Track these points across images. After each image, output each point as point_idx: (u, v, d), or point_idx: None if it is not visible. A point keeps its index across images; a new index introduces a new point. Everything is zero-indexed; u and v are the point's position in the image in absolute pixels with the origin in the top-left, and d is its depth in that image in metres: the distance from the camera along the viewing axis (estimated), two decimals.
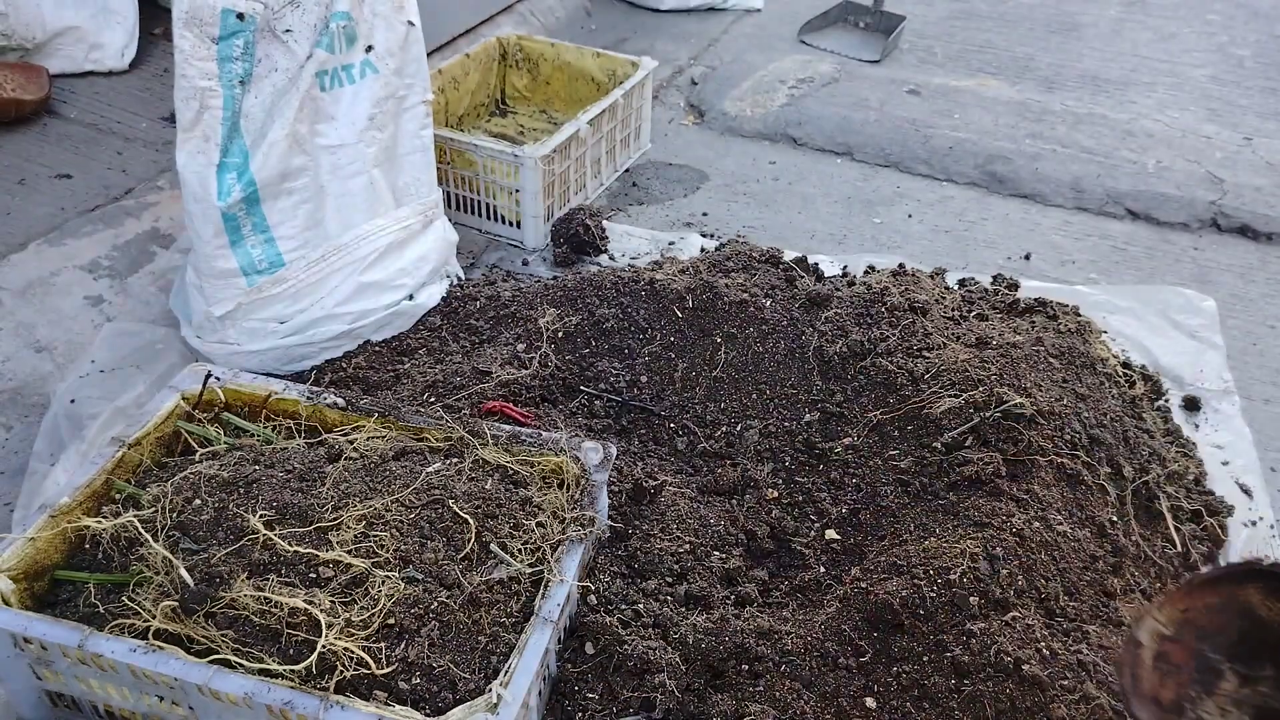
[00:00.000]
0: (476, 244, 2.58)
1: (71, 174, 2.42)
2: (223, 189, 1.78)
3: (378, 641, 1.23)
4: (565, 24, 3.90)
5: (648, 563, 1.58)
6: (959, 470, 1.70)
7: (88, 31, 2.72)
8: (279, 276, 1.90)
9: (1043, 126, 3.31)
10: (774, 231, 2.73)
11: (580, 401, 1.92)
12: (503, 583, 1.35)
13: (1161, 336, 2.29)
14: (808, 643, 1.45)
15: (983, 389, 1.80)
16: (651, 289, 2.05)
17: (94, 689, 1.29)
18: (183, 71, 1.69)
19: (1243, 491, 1.88)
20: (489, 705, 1.16)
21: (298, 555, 1.31)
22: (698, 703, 1.36)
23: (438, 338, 2.10)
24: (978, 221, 2.80)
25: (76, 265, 2.16)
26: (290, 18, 1.75)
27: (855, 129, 3.26)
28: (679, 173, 3.01)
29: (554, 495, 1.48)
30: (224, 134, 1.75)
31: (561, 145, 2.49)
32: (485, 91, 3.04)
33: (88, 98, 2.71)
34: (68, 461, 1.76)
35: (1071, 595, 1.50)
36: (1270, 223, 2.78)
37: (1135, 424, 1.86)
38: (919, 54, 3.89)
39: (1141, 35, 4.09)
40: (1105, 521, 1.62)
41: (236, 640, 1.23)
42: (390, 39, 1.94)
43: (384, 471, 1.47)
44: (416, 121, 2.08)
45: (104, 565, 1.37)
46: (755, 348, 2.01)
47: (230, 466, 1.45)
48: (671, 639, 1.43)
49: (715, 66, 3.71)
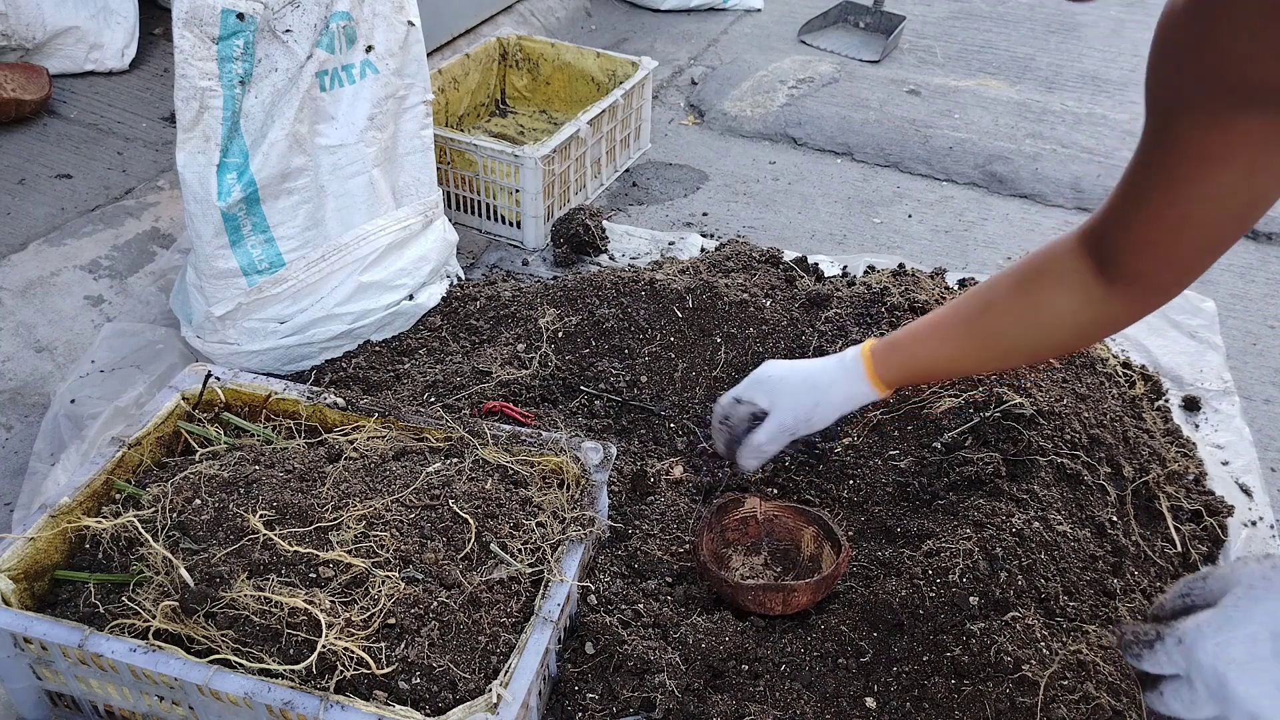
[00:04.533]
0: (476, 244, 2.58)
1: (71, 174, 2.42)
2: (223, 189, 1.78)
3: (378, 641, 1.23)
4: (565, 24, 3.91)
5: (648, 563, 1.59)
6: (959, 470, 1.70)
7: (88, 31, 2.72)
8: (279, 276, 1.90)
9: (1043, 126, 3.31)
10: (774, 231, 2.73)
11: (580, 401, 1.92)
12: (503, 583, 1.35)
13: (1161, 336, 2.29)
14: (808, 643, 1.45)
15: (982, 389, 1.80)
16: (651, 289, 2.05)
17: (94, 689, 1.29)
18: (183, 71, 1.69)
19: (1243, 491, 1.88)
20: (489, 705, 1.16)
21: (298, 555, 1.31)
22: (698, 703, 1.36)
23: (438, 338, 2.10)
24: (978, 221, 2.80)
25: (76, 265, 2.16)
26: (290, 18, 1.75)
27: (855, 129, 3.26)
28: (679, 173, 3.01)
29: (554, 495, 1.48)
30: (224, 134, 1.75)
31: (561, 145, 2.49)
32: (485, 91, 3.04)
33: (88, 98, 2.71)
34: (68, 461, 1.76)
35: (1071, 595, 1.50)
36: (1270, 223, 2.78)
37: (1135, 424, 1.86)
38: (919, 54, 3.89)
39: (1142, 35, 4.09)
40: (1105, 521, 1.62)
41: (236, 640, 1.23)
42: (390, 39, 1.94)
43: (384, 471, 1.47)
44: (417, 121, 2.08)
45: (104, 565, 1.37)
46: (755, 348, 2.01)
47: (230, 466, 1.45)
48: (671, 639, 1.43)
49: (715, 66, 3.72)
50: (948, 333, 1.35)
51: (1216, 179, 0.99)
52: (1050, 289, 1.22)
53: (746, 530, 1.64)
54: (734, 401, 1.48)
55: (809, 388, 1.43)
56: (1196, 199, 1.01)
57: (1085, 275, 1.18)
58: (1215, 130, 0.95)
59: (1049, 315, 1.23)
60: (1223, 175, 0.98)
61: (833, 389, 1.41)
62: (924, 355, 1.37)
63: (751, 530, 1.64)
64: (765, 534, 1.64)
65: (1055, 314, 1.22)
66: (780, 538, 1.63)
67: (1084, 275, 1.18)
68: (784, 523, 1.63)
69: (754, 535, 1.64)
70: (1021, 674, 1.33)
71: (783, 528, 1.63)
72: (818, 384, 1.42)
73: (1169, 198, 1.03)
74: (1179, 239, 1.07)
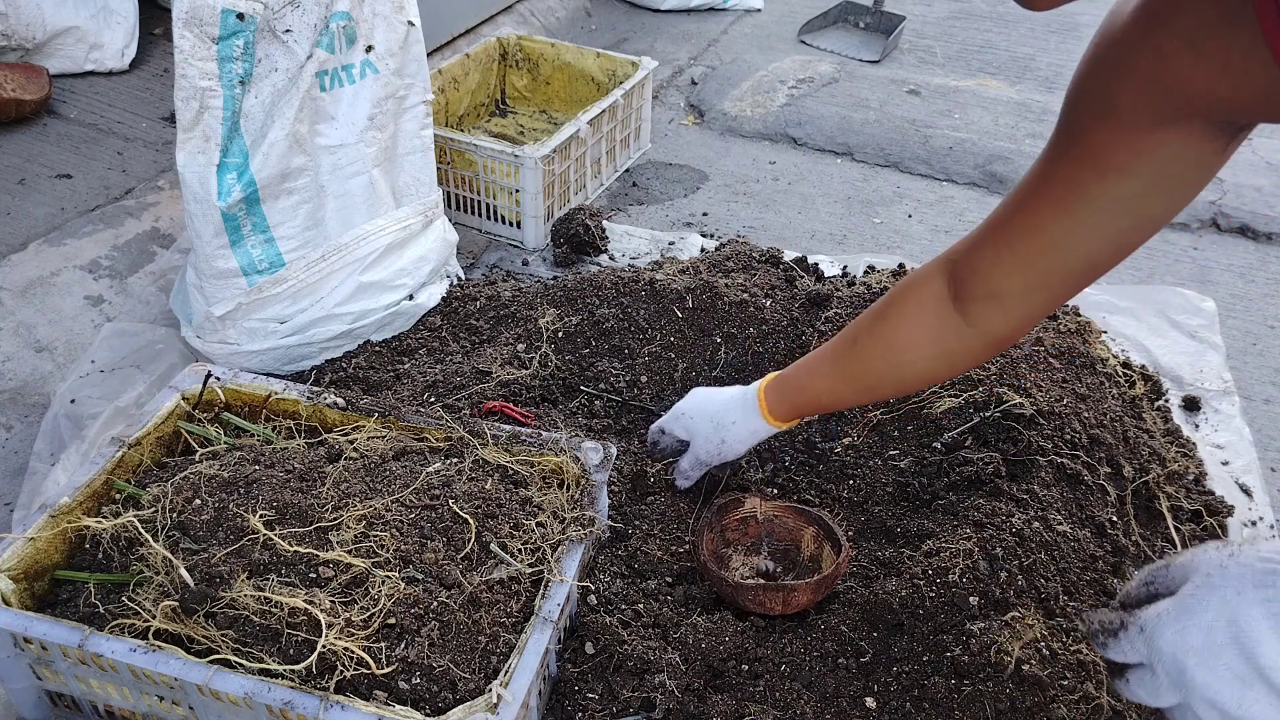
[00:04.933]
0: (476, 244, 2.58)
1: (71, 174, 2.42)
2: (223, 189, 1.78)
3: (378, 641, 1.23)
4: (565, 24, 3.91)
5: (648, 563, 1.59)
6: (959, 470, 1.70)
7: (88, 31, 2.72)
8: (279, 276, 1.90)
9: (1043, 127, 3.31)
10: (774, 231, 2.73)
11: (580, 401, 1.92)
12: (503, 583, 1.34)
13: (1161, 336, 2.29)
14: (808, 643, 1.45)
15: (982, 389, 1.80)
16: (651, 289, 2.05)
17: (94, 689, 1.29)
18: (183, 71, 1.69)
19: (1243, 491, 1.88)
20: (489, 705, 1.16)
21: (298, 555, 1.31)
22: (698, 703, 1.36)
23: (438, 338, 2.10)
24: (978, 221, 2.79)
25: (76, 265, 2.16)
26: (290, 18, 1.75)
27: (855, 129, 3.26)
28: (679, 173, 3.01)
29: (554, 495, 1.48)
30: (224, 134, 1.75)
31: (561, 145, 2.49)
32: (485, 91, 3.04)
33: (88, 98, 2.71)
34: (68, 461, 1.76)
35: (1071, 595, 1.50)
36: (1270, 223, 2.78)
37: (1135, 424, 1.86)
38: (919, 54, 3.89)
39: None
40: (1105, 521, 1.62)
41: (236, 640, 1.23)
42: (390, 39, 1.94)
43: (384, 471, 1.47)
44: (417, 121, 2.08)
45: (104, 565, 1.37)
46: (755, 348, 2.01)
47: (230, 466, 1.45)
48: (671, 639, 1.43)
49: (715, 66, 3.72)
50: (823, 368, 1.40)
51: (1116, 189, 0.99)
52: (907, 318, 1.24)
53: (746, 530, 1.64)
54: (659, 431, 1.67)
55: (714, 426, 1.56)
56: (1089, 209, 1.02)
57: (942, 303, 1.20)
58: (1132, 137, 0.95)
59: (905, 346, 1.24)
60: (1124, 186, 0.99)
61: (735, 426, 1.54)
62: (807, 390, 1.44)
63: (751, 530, 1.64)
64: (765, 534, 1.64)
65: (912, 344, 1.24)
66: (780, 538, 1.64)
67: (940, 303, 1.20)
68: (784, 523, 1.63)
69: (754, 535, 1.64)
70: (1021, 674, 1.33)
71: (783, 528, 1.63)
72: (722, 422, 1.54)
73: (1062, 206, 1.03)
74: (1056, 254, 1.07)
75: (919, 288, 1.24)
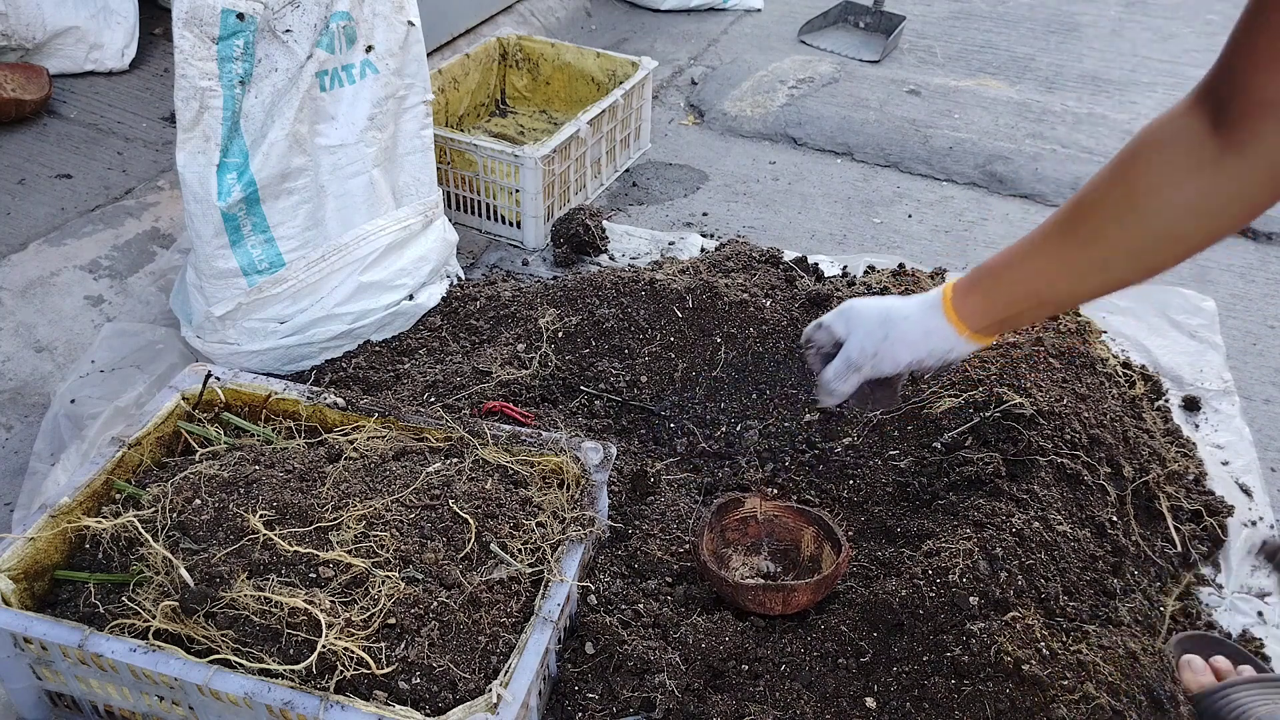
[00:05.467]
0: (476, 244, 2.58)
1: (71, 174, 2.42)
2: (223, 189, 1.78)
3: (378, 641, 1.23)
4: (565, 24, 3.90)
5: (648, 563, 1.59)
6: (959, 470, 1.70)
7: (88, 31, 2.72)
8: (279, 276, 1.90)
9: (1043, 126, 3.31)
10: (774, 231, 2.73)
11: (580, 401, 1.92)
12: (503, 583, 1.34)
13: (1161, 336, 2.29)
14: (808, 643, 1.45)
15: (982, 389, 1.80)
16: (651, 289, 2.05)
17: (94, 689, 1.29)
18: (183, 71, 1.69)
19: (1243, 491, 1.88)
20: (489, 705, 1.16)
21: (298, 555, 1.31)
22: (698, 703, 1.36)
23: (438, 338, 2.10)
24: (978, 221, 2.80)
25: (76, 265, 2.16)
26: (290, 18, 1.75)
27: (855, 129, 3.26)
28: (679, 173, 3.01)
29: (554, 495, 1.48)
30: (224, 134, 1.75)
31: (561, 145, 2.49)
32: (485, 91, 3.04)
33: (88, 98, 2.71)
34: (68, 461, 1.76)
35: (1071, 595, 1.50)
36: (1270, 223, 2.78)
37: (1135, 424, 1.86)
38: (919, 54, 3.89)
39: (1141, 35, 4.10)
40: (1105, 521, 1.62)
41: (236, 640, 1.23)
42: (390, 39, 1.94)
43: (384, 471, 1.47)
44: (417, 121, 2.08)
45: (104, 565, 1.37)
46: (755, 348, 2.01)
47: (230, 466, 1.45)
48: (671, 639, 1.43)
49: (715, 66, 3.72)
50: (1030, 249, 1.12)
51: None
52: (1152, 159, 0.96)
53: (746, 530, 1.64)
54: (816, 326, 1.33)
55: (880, 320, 1.25)
56: None
57: (1196, 133, 0.93)
58: None
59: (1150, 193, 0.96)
60: None
61: (906, 321, 1.23)
62: (1005, 278, 1.15)
63: (751, 530, 1.64)
64: (765, 534, 1.64)
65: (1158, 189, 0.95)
66: (780, 538, 1.64)
67: (1194, 133, 0.94)
68: (784, 523, 1.63)
69: (754, 535, 1.64)
70: (1021, 674, 1.33)
71: (783, 528, 1.63)
72: (890, 316, 1.25)
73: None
74: None
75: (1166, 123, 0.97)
